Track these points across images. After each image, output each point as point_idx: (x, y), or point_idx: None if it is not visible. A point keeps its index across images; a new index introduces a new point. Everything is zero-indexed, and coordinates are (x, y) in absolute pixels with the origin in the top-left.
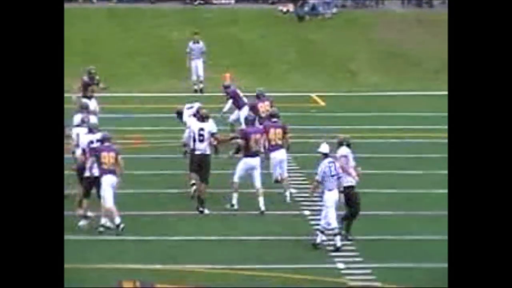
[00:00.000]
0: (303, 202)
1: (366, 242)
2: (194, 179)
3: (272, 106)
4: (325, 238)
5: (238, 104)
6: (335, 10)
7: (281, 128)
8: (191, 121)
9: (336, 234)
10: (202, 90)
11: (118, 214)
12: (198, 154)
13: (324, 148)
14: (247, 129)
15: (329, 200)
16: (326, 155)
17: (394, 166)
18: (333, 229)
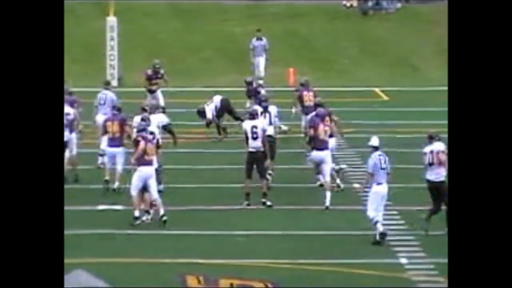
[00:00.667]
0: (367, 197)
1: (429, 237)
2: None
3: (316, 96)
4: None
5: (259, 100)
6: (399, 5)
7: (327, 115)
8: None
9: (376, 222)
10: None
11: (139, 207)
12: (253, 151)
13: (374, 141)
14: (315, 120)
15: (376, 193)
16: (376, 148)
17: None
18: (372, 219)
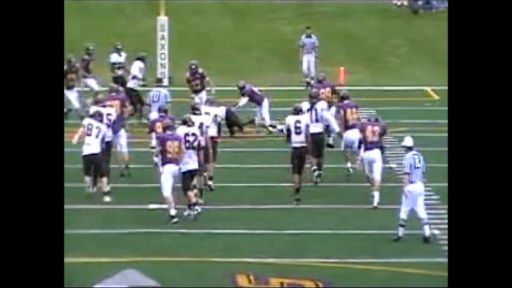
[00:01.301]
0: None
1: None
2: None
3: (334, 93)
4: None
5: (256, 100)
6: None
7: (355, 107)
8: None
9: (424, 224)
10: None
11: (174, 206)
12: (297, 147)
13: (408, 141)
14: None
15: (410, 192)
16: (410, 148)
17: None
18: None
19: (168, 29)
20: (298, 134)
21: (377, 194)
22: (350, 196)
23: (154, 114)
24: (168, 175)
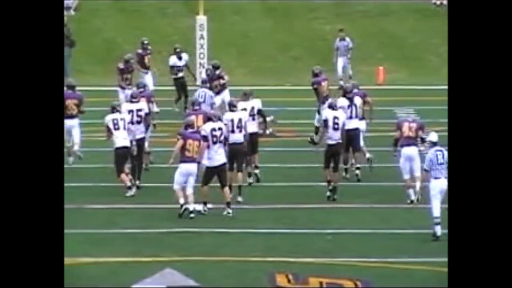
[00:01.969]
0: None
1: None
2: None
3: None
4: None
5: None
6: None
7: (364, 96)
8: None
9: (436, 224)
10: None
11: (183, 198)
12: (333, 144)
13: (433, 136)
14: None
15: (434, 188)
16: (435, 144)
17: None
18: (435, 218)
19: (207, 28)
20: (335, 130)
21: (413, 191)
22: (390, 195)
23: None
24: (181, 173)
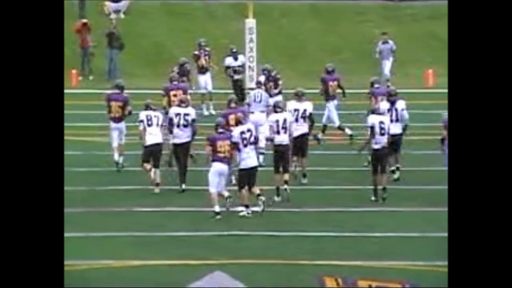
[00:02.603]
0: None
1: None
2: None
3: (339, 86)
4: None
5: None
6: None
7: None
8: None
9: None
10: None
11: (217, 202)
12: (378, 148)
13: None
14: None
15: None
16: None
17: None
18: None
19: (256, 31)
20: (382, 135)
21: None
22: (438, 198)
23: (257, 115)
24: (214, 173)
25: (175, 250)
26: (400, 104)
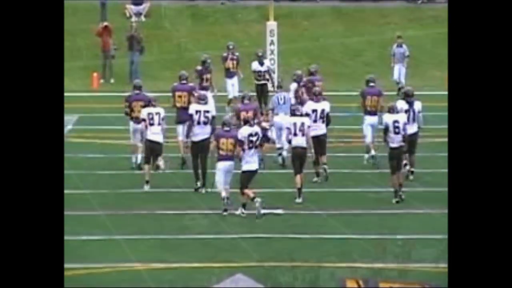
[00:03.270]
0: None
1: None
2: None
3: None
4: None
5: None
6: None
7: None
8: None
9: None
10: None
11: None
12: (395, 147)
13: None
14: None
15: None
16: None
17: None
18: None
19: (277, 34)
20: (397, 134)
21: None
22: None
23: (281, 117)
24: (220, 172)
25: (198, 253)
26: (416, 105)
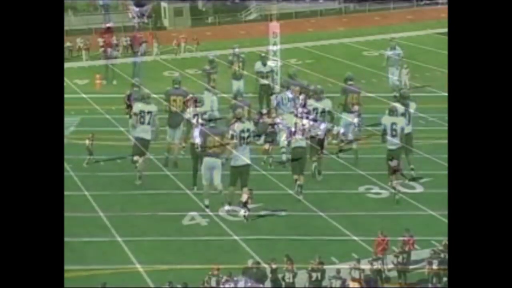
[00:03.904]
0: None
1: None
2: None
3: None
4: None
5: None
6: None
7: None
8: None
9: None
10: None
11: (209, 195)
12: (393, 149)
13: None
14: None
15: None
16: None
17: None
18: None
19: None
20: (394, 136)
21: None
22: None
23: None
24: (205, 168)
25: (199, 254)
26: (411, 106)
